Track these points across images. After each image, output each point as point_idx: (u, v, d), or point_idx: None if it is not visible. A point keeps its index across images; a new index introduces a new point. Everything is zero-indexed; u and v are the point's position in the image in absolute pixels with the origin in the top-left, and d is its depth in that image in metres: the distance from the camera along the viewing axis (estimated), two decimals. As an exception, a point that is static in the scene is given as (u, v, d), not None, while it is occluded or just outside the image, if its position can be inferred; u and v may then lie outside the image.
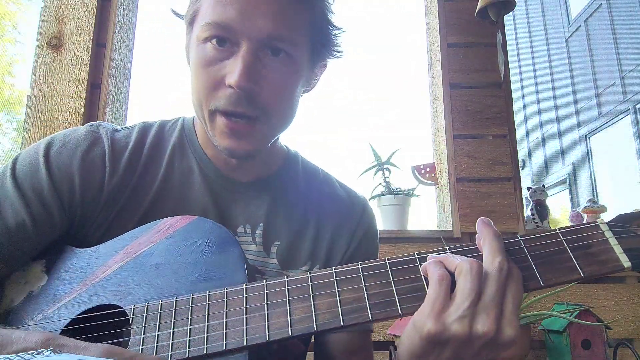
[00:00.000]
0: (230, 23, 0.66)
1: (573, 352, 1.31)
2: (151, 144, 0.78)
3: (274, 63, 0.69)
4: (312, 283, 0.55)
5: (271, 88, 0.69)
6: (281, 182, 0.83)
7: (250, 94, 0.67)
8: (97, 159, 0.73)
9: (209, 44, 0.68)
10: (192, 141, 0.81)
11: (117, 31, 1.77)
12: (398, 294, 0.53)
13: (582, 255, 0.54)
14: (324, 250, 0.81)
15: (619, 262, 0.53)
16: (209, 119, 0.70)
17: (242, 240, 0.76)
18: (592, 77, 9.67)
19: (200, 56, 0.69)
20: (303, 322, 0.53)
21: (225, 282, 0.57)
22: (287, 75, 0.71)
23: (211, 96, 0.68)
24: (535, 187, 1.82)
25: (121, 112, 1.81)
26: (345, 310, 0.53)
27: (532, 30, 12.01)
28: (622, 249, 0.53)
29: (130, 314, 0.57)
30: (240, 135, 0.69)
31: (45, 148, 0.71)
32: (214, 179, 0.78)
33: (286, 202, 0.81)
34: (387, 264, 0.55)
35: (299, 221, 0.81)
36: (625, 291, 1.56)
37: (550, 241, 0.55)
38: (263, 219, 0.78)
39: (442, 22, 1.85)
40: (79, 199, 0.70)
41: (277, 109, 0.71)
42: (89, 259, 0.65)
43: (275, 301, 0.54)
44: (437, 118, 1.88)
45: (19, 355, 0.40)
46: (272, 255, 0.77)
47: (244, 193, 0.79)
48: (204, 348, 0.52)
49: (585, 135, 9.83)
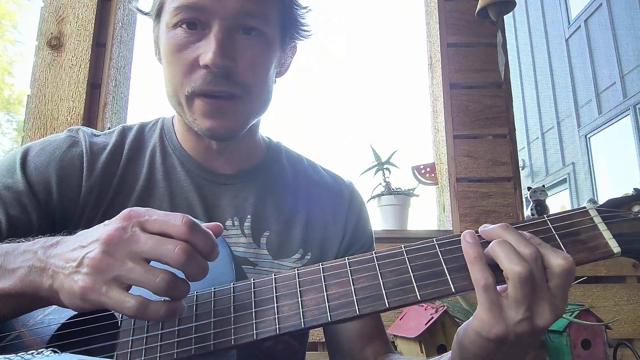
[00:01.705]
0: (200, 2, 0.66)
1: (573, 352, 1.31)
2: (131, 145, 0.79)
3: (247, 41, 0.69)
4: (299, 279, 0.55)
5: (247, 64, 0.69)
6: (266, 172, 0.83)
7: (227, 71, 0.67)
8: (75, 159, 0.73)
9: (179, 29, 0.68)
10: (171, 139, 0.81)
11: (117, 31, 1.77)
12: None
13: (570, 242, 0.52)
14: (317, 238, 0.81)
15: (608, 248, 0.51)
16: (187, 103, 0.70)
17: (231, 233, 0.76)
18: (592, 77, 9.67)
19: (170, 42, 0.69)
20: (291, 319, 0.52)
21: (214, 283, 0.56)
22: (261, 52, 0.71)
23: (186, 80, 0.69)
24: (535, 187, 1.82)
25: (121, 112, 1.81)
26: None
27: (532, 30, 12.01)
28: (611, 234, 0.51)
29: (118, 317, 0.56)
30: (221, 114, 0.70)
31: (24, 152, 0.72)
32: (197, 172, 0.78)
33: (273, 191, 0.82)
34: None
35: (287, 210, 0.81)
36: (625, 291, 1.56)
37: (538, 229, 0.54)
38: (251, 211, 0.78)
39: (442, 22, 1.85)
40: (57, 198, 0.70)
41: (255, 84, 0.71)
42: None
43: (263, 298, 0.54)
44: (437, 118, 1.88)
45: (19, 355, 0.40)
46: (263, 246, 0.77)
47: (229, 185, 0.79)
48: (192, 349, 0.52)
49: (585, 135, 9.83)
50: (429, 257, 0.54)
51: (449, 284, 0.52)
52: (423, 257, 0.54)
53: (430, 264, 0.53)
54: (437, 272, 0.53)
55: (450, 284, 0.52)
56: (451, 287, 0.52)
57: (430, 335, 1.24)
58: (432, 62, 1.95)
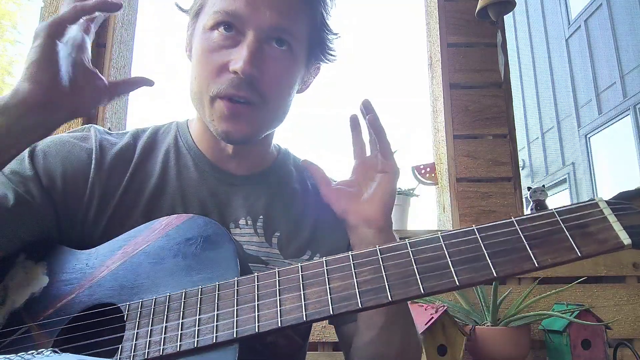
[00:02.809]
0: (238, 11, 0.70)
1: (573, 352, 1.31)
2: (144, 145, 0.80)
3: (277, 53, 0.73)
4: (302, 273, 0.55)
5: (272, 76, 0.72)
6: (276, 175, 0.85)
7: (252, 80, 0.70)
8: (83, 153, 0.75)
9: (215, 32, 0.72)
10: (186, 140, 0.82)
11: (117, 31, 1.77)
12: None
13: (579, 234, 0.51)
14: (325, 240, 0.82)
15: (618, 240, 0.50)
16: (209, 104, 0.72)
17: (245, 232, 0.77)
18: (592, 77, 9.67)
19: (205, 43, 0.73)
20: (294, 312, 0.52)
21: (219, 278, 0.57)
22: (287, 66, 0.75)
23: (213, 82, 0.71)
24: (535, 187, 1.82)
25: (121, 112, 1.81)
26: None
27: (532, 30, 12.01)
28: (621, 226, 0.50)
29: (125, 311, 0.58)
30: (239, 119, 0.72)
31: (34, 145, 0.74)
32: (210, 173, 0.80)
33: (283, 194, 0.83)
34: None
35: (296, 212, 0.82)
36: (625, 291, 1.56)
37: (545, 221, 0.52)
38: (263, 211, 0.80)
39: (442, 22, 1.85)
40: (61, 190, 0.71)
41: (275, 96, 0.74)
42: (88, 260, 0.66)
43: (266, 291, 0.54)
44: (437, 118, 1.88)
45: (19, 355, 0.40)
46: (274, 245, 0.79)
47: (242, 186, 0.81)
48: (195, 342, 0.52)
49: (585, 135, 9.83)
50: (433, 251, 0.53)
51: (453, 277, 0.51)
52: (427, 250, 0.54)
53: (434, 257, 0.53)
54: (441, 265, 0.52)
55: (455, 277, 0.51)
56: (455, 280, 0.51)
57: (430, 335, 1.24)
58: (432, 62, 1.95)
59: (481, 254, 0.52)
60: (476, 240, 0.53)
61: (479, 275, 0.51)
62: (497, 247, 0.52)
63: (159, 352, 0.53)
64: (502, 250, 0.52)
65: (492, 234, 0.53)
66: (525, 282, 1.57)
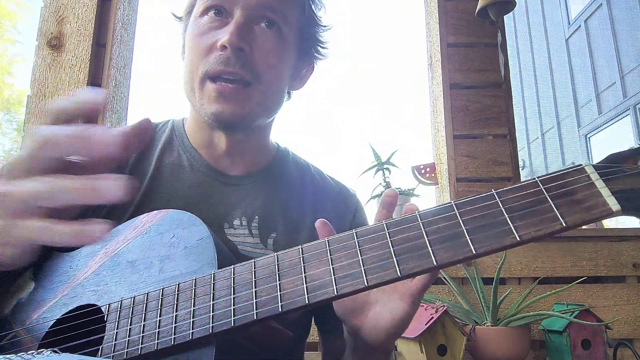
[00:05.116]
0: None
1: (573, 352, 1.31)
2: None
3: (267, 33, 0.73)
4: (279, 263, 0.53)
5: (263, 53, 0.72)
6: (274, 175, 0.84)
7: (241, 55, 0.70)
8: None
9: (205, 17, 0.73)
10: (181, 139, 0.82)
11: (117, 31, 1.77)
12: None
13: (564, 203, 0.47)
14: None
15: (606, 207, 0.45)
16: (199, 87, 0.72)
17: (239, 232, 0.76)
18: (592, 77, 9.67)
19: (194, 29, 0.74)
20: (270, 303, 0.51)
21: (197, 273, 0.57)
22: (276, 45, 0.74)
23: (202, 62, 0.71)
24: (535, 187, 1.82)
25: (121, 112, 1.81)
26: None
27: (532, 30, 12.01)
28: (610, 192, 0.46)
29: (105, 312, 0.58)
30: (228, 98, 0.71)
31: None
32: (205, 172, 0.79)
33: (281, 194, 0.82)
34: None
35: (295, 213, 0.81)
36: (625, 291, 1.56)
37: (527, 191, 0.49)
38: (258, 212, 0.78)
39: (442, 22, 1.85)
40: None
41: (267, 74, 0.73)
42: (72, 261, 0.65)
43: (242, 284, 0.53)
44: (437, 118, 1.88)
45: (19, 355, 0.40)
46: (269, 246, 0.77)
47: (237, 186, 0.80)
48: (172, 339, 0.52)
49: (585, 135, 9.84)
50: (411, 230, 0.50)
51: (431, 257, 0.48)
52: (405, 230, 0.50)
53: (411, 237, 0.49)
54: (418, 245, 0.49)
55: (432, 257, 0.48)
56: (433, 260, 0.47)
57: (430, 335, 1.24)
58: (432, 62, 1.95)
59: (460, 231, 0.48)
60: (455, 217, 0.50)
61: (458, 253, 0.48)
62: (476, 223, 0.49)
63: (138, 351, 0.52)
64: (481, 226, 0.48)
65: (472, 209, 0.50)
66: (525, 282, 1.57)
